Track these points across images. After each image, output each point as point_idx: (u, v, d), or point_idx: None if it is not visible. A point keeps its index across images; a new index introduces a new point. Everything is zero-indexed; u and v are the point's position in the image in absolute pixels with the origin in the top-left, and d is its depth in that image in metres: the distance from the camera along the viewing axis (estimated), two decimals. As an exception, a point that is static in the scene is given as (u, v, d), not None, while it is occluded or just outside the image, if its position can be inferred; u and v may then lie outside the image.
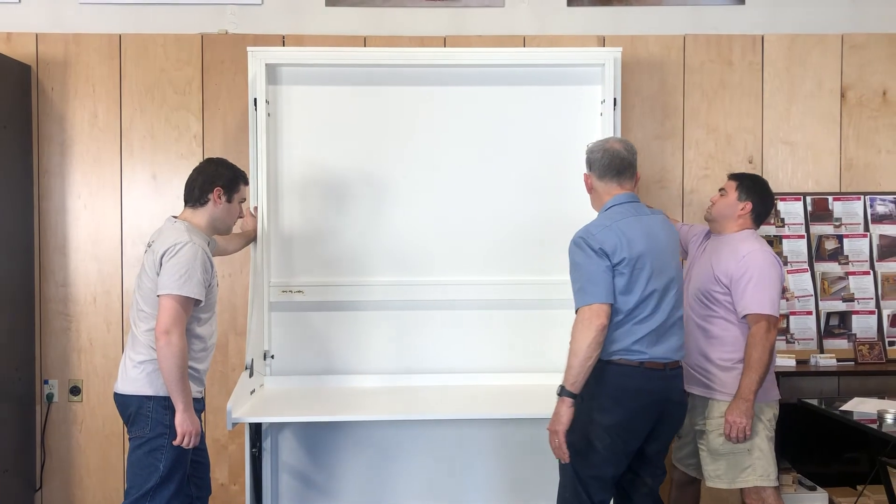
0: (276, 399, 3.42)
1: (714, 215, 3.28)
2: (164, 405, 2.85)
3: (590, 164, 2.95)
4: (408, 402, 3.39)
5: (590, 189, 2.98)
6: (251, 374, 3.38)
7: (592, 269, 2.73)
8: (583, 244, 2.76)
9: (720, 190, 3.32)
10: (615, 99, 3.58)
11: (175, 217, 3.01)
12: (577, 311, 2.75)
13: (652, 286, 2.75)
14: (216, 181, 3.01)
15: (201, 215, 3.01)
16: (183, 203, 3.06)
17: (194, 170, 3.07)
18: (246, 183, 3.14)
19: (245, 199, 3.16)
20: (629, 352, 2.75)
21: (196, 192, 3.01)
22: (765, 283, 3.03)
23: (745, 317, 3.05)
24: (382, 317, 3.69)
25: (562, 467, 2.87)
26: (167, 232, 2.92)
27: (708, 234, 3.35)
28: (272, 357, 3.64)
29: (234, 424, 3.03)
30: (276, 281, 3.64)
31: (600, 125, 3.62)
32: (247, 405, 3.24)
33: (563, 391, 2.74)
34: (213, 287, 2.98)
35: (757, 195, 3.23)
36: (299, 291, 3.64)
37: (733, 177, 3.31)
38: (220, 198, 3.01)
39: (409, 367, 3.68)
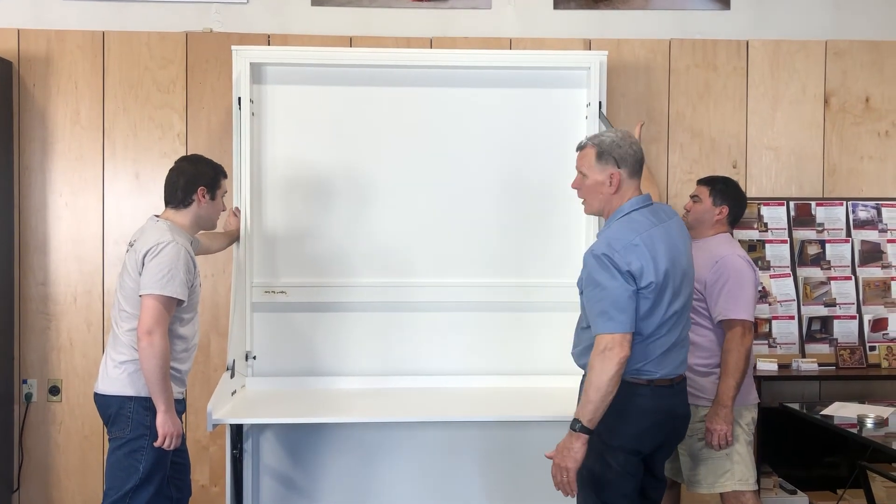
0: (257, 400, 3.40)
1: (691, 223, 3.28)
2: (144, 406, 2.82)
3: (621, 159, 2.59)
4: (391, 405, 3.38)
5: (617, 188, 2.61)
6: (232, 375, 3.36)
7: (619, 294, 2.47)
8: (607, 263, 2.49)
9: (692, 196, 3.33)
10: (600, 102, 3.58)
11: (157, 216, 2.99)
12: (596, 336, 2.51)
13: (673, 308, 2.57)
14: (199, 181, 2.98)
15: (185, 215, 2.98)
16: (164, 203, 3.03)
17: (172, 170, 3.02)
18: (225, 176, 3.10)
19: (226, 192, 3.13)
20: (639, 371, 2.59)
21: (179, 194, 2.97)
22: (738, 288, 3.04)
23: (720, 322, 3.06)
24: (366, 318, 3.68)
25: (584, 498, 2.69)
26: (149, 231, 2.89)
27: None
28: (254, 358, 3.62)
29: (215, 425, 3.01)
30: (258, 281, 3.61)
31: (585, 128, 3.62)
32: (228, 406, 3.22)
33: (579, 426, 2.47)
34: (196, 287, 2.96)
35: (731, 198, 3.26)
36: (282, 292, 3.62)
37: (704, 182, 3.33)
38: (204, 196, 2.99)
39: (394, 368, 3.67)
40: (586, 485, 2.66)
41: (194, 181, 2.97)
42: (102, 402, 2.88)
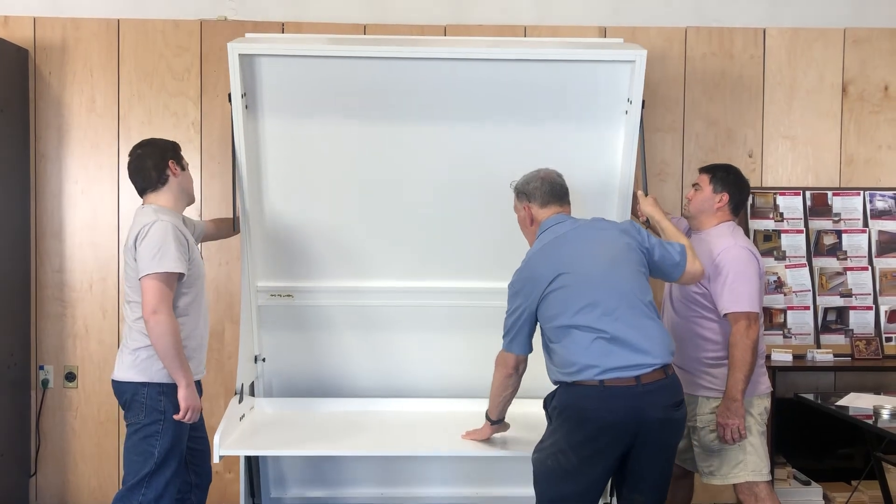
0: (265, 424, 3.31)
1: (692, 212, 3.25)
2: (158, 391, 2.84)
3: (528, 196, 2.91)
4: (403, 434, 3.26)
5: (530, 223, 2.91)
6: (241, 400, 3.30)
7: (509, 319, 2.83)
8: (509, 292, 2.84)
9: (693, 185, 3.28)
10: (643, 100, 3.22)
11: (142, 204, 2.97)
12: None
13: (591, 297, 2.67)
14: (165, 155, 2.96)
15: (166, 194, 2.95)
16: (141, 193, 2.97)
17: (135, 159, 2.95)
18: (180, 147, 3.06)
19: (188, 163, 3.08)
20: (585, 368, 2.63)
21: (154, 175, 2.94)
22: (741, 280, 3.00)
23: (725, 315, 3.03)
24: (379, 322, 3.54)
25: (538, 491, 2.78)
26: (136, 219, 2.90)
27: (689, 233, 3.33)
28: (263, 360, 3.55)
29: (221, 457, 2.95)
30: (262, 286, 3.47)
31: (624, 123, 3.28)
32: (236, 433, 3.14)
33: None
34: (196, 260, 2.94)
35: (732, 185, 3.21)
36: (289, 296, 3.50)
37: (705, 170, 3.28)
38: (175, 168, 2.97)
39: (406, 384, 3.58)
40: (538, 478, 2.75)
41: (162, 157, 2.96)
42: (118, 388, 2.91)
